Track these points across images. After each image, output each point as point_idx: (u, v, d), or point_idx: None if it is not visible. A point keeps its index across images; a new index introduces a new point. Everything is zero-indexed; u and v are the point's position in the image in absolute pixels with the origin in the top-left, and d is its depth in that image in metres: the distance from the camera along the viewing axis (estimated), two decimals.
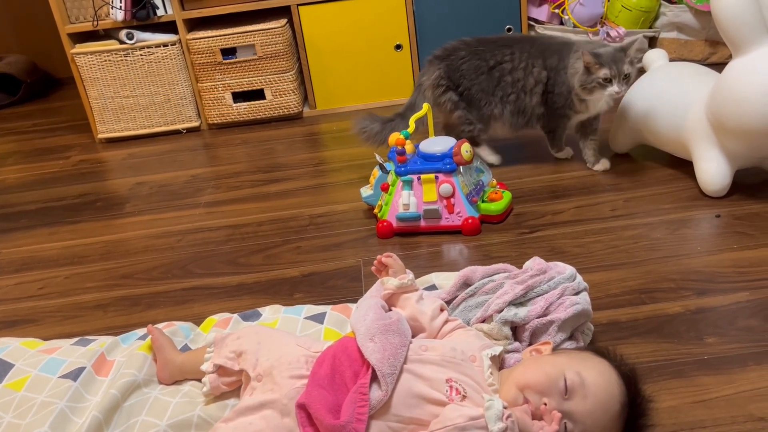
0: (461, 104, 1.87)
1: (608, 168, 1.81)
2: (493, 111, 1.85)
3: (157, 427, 1.01)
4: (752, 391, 1.03)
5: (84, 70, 2.44)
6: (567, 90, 1.74)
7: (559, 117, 1.81)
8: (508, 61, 1.81)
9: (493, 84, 1.82)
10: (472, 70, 1.84)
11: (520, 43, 1.83)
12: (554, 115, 1.81)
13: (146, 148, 2.46)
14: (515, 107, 1.83)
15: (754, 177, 1.66)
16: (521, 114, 1.84)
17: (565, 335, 1.06)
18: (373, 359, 0.92)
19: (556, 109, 1.79)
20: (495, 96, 1.83)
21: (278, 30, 2.38)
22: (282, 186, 1.98)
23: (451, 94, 1.86)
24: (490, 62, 1.83)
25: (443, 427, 0.83)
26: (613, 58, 1.63)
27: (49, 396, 1.07)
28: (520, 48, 1.81)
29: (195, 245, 1.69)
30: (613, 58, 1.63)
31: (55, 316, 1.45)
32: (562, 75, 1.74)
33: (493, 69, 1.82)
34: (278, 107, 2.50)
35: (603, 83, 1.64)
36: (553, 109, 1.80)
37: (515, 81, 1.80)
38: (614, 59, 1.63)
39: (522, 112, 1.83)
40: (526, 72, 1.79)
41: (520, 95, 1.81)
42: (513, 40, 1.87)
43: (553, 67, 1.76)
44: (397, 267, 1.12)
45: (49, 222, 1.93)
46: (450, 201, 1.57)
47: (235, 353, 1.03)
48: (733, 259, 1.36)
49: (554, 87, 1.77)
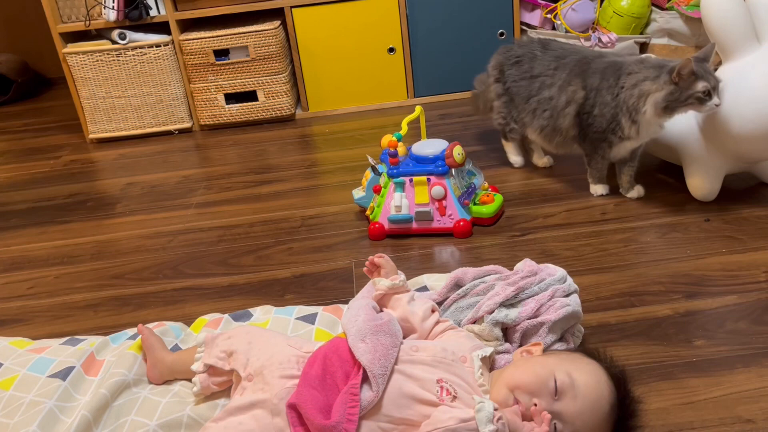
0: (504, 97, 1.85)
1: (642, 195, 1.68)
2: (524, 119, 1.80)
3: (147, 426, 1.00)
4: (740, 393, 1.03)
5: (76, 70, 2.43)
6: (612, 112, 1.58)
7: (597, 141, 1.64)
8: (549, 75, 1.72)
9: (529, 93, 1.76)
10: (517, 72, 1.80)
11: (570, 57, 1.72)
12: (592, 138, 1.65)
13: (138, 148, 2.45)
14: (549, 124, 1.73)
15: (743, 182, 1.68)
16: (557, 133, 1.73)
17: (556, 337, 1.07)
18: (364, 360, 0.92)
19: (595, 132, 1.63)
20: (529, 105, 1.77)
21: (271, 32, 2.38)
22: (274, 187, 1.98)
23: (499, 86, 1.86)
24: (535, 71, 1.76)
25: (434, 429, 0.83)
26: (703, 69, 1.45)
27: (37, 395, 1.07)
28: (566, 63, 1.71)
29: (186, 246, 1.69)
30: (702, 68, 1.45)
31: (44, 315, 1.44)
32: (604, 95, 1.59)
33: (535, 78, 1.75)
34: (271, 109, 2.50)
35: (703, 97, 1.45)
36: (590, 132, 1.64)
37: (549, 98, 1.71)
38: (704, 70, 1.45)
39: (557, 130, 1.72)
40: (561, 90, 1.68)
41: (553, 113, 1.71)
42: (568, 52, 1.75)
43: (593, 87, 1.61)
44: (389, 268, 1.12)
45: (39, 222, 1.92)
46: (442, 203, 1.57)
47: (226, 353, 1.03)
48: (722, 263, 1.37)
49: (593, 108, 1.61)
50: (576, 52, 1.75)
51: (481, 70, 2.53)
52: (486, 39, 2.49)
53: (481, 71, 2.53)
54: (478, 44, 2.49)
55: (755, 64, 1.46)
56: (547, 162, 1.91)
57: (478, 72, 2.55)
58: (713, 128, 1.52)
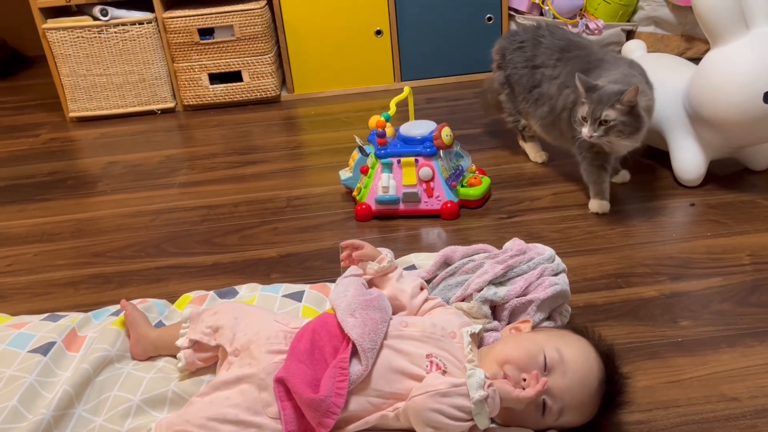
0: (506, 88, 1.78)
1: (627, 180, 1.66)
2: (528, 109, 1.70)
3: (130, 402, 0.99)
4: (725, 372, 1.04)
5: (56, 47, 2.37)
6: None
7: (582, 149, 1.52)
8: (551, 66, 1.61)
9: (531, 84, 1.66)
10: (519, 59, 1.70)
11: (574, 53, 1.59)
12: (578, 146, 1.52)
13: (119, 128, 2.41)
14: (548, 118, 1.63)
15: (728, 168, 1.69)
16: (555, 128, 1.63)
17: (544, 315, 1.07)
18: (353, 334, 0.91)
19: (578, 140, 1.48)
20: (531, 95, 1.67)
21: (257, 11, 2.35)
22: (259, 168, 1.96)
23: (501, 73, 1.78)
24: (537, 60, 1.65)
25: (425, 392, 0.83)
26: (600, 98, 1.38)
27: (17, 370, 1.04)
28: (568, 59, 1.59)
29: (169, 225, 1.66)
30: (600, 97, 1.38)
31: (24, 293, 1.41)
32: None
33: (536, 69, 1.65)
34: (255, 90, 2.47)
35: (581, 121, 1.42)
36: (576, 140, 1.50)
37: (550, 94, 1.60)
38: (600, 99, 1.38)
39: (555, 126, 1.62)
40: (559, 90, 1.57)
41: (552, 111, 1.60)
42: (573, 45, 1.62)
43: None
44: (371, 252, 1.08)
45: (18, 199, 1.88)
46: (429, 185, 1.57)
47: (212, 328, 1.02)
48: (707, 246, 1.38)
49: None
50: (582, 48, 1.61)
51: (468, 55, 2.54)
52: (474, 23, 2.47)
53: (469, 55, 2.54)
54: (466, 29, 2.47)
55: (743, 49, 1.46)
56: (542, 157, 1.81)
57: (465, 56, 2.55)
58: (700, 113, 1.53)
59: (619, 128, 1.39)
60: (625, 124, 1.39)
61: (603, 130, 1.39)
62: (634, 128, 1.40)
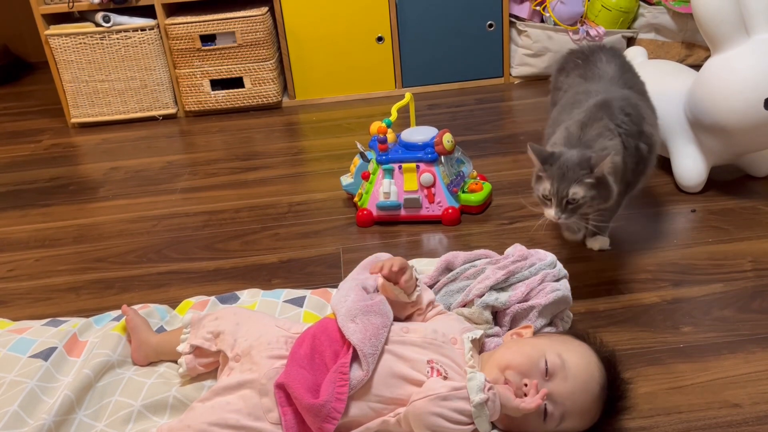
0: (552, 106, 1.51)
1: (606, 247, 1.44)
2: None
3: (131, 407, 0.99)
4: (727, 378, 1.04)
5: (58, 53, 2.38)
6: None
7: None
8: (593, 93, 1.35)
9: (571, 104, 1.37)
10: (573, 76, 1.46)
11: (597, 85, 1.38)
12: None
13: (121, 133, 2.41)
14: None
15: (729, 174, 1.69)
16: None
17: (545, 321, 1.07)
18: (354, 339, 0.91)
19: None
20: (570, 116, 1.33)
21: (259, 18, 2.35)
22: (260, 174, 1.96)
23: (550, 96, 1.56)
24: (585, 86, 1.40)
25: (426, 396, 0.83)
26: (562, 174, 1.15)
27: (18, 375, 1.04)
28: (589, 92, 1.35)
29: (171, 230, 1.66)
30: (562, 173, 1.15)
31: (25, 298, 1.41)
32: None
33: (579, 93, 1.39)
34: (257, 96, 2.48)
35: (543, 200, 1.20)
36: None
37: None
38: (563, 175, 1.15)
39: None
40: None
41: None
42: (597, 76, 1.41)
43: None
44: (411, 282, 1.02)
45: (20, 204, 1.88)
46: (431, 191, 1.57)
47: (213, 334, 1.01)
48: (709, 252, 1.38)
49: None
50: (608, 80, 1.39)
51: (469, 61, 2.55)
52: (475, 30, 2.48)
53: (470, 62, 2.55)
54: (467, 35, 2.48)
55: (743, 56, 1.46)
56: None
57: (466, 62, 2.56)
58: (700, 120, 1.53)
59: (589, 204, 1.17)
60: (595, 198, 1.16)
61: (571, 209, 1.17)
62: (604, 198, 1.18)
